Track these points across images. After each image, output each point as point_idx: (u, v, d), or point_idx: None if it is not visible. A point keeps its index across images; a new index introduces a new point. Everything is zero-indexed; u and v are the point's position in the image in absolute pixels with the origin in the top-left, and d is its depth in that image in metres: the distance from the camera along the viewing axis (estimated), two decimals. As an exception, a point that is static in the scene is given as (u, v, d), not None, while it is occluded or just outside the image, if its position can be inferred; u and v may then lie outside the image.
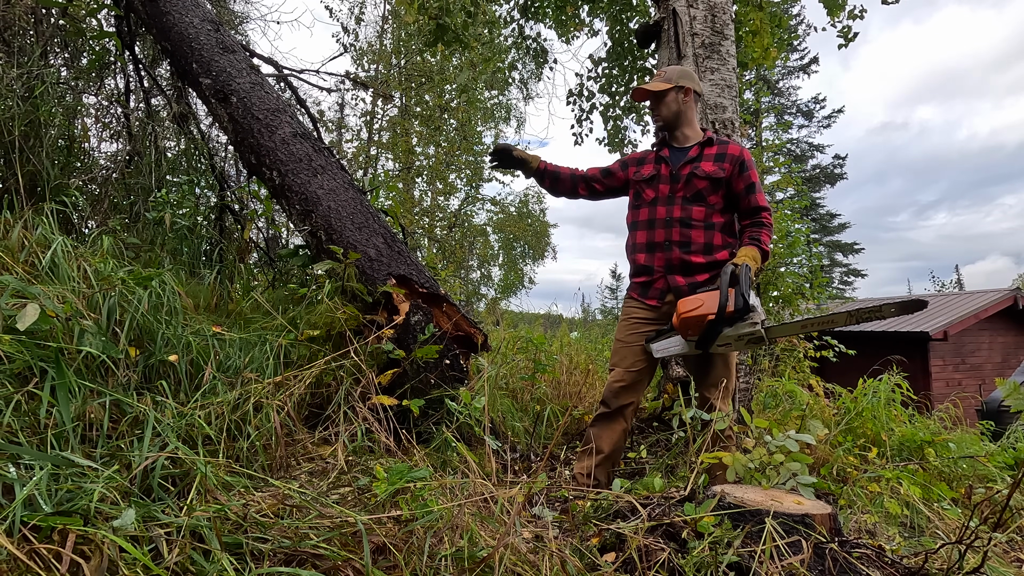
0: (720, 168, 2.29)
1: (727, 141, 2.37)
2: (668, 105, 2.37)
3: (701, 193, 2.30)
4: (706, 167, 2.30)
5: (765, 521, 1.32)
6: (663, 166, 2.37)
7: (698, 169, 2.30)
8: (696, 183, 2.29)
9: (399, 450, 1.94)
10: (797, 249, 7.51)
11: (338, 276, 2.43)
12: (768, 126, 17.23)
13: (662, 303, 2.32)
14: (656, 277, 2.33)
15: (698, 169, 2.30)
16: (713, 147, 2.34)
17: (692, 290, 2.25)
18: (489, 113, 13.73)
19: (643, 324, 2.34)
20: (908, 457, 3.26)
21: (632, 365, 2.31)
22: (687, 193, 2.31)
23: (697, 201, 2.30)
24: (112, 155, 3.47)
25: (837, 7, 5.41)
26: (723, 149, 2.33)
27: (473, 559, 1.23)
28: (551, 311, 7.39)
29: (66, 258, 1.92)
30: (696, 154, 2.33)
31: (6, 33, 2.77)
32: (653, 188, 2.37)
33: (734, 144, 2.35)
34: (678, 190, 2.32)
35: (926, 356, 10.80)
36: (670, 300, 2.29)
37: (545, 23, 6.40)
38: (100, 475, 1.20)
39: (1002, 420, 5.22)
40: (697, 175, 2.29)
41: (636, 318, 2.36)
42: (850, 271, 26.15)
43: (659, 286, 2.32)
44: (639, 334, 2.33)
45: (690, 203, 2.30)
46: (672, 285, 2.29)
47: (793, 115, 25.07)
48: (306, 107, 4.22)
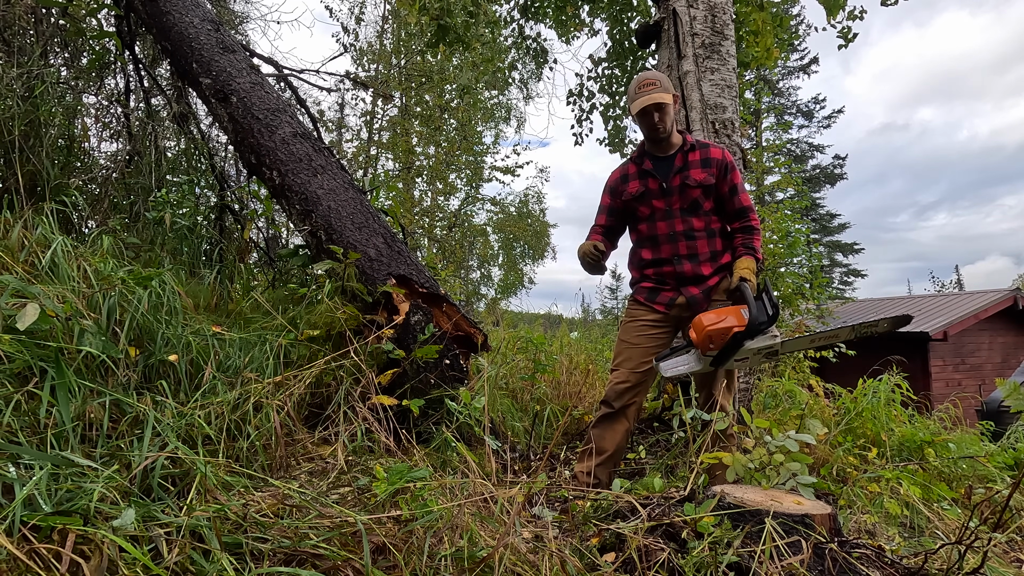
0: (709, 174, 2.27)
1: (707, 144, 2.34)
2: (670, 115, 2.28)
3: (697, 202, 2.28)
4: (696, 175, 2.27)
5: (765, 521, 1.32)
6: (650, 180, 2.32)
7: (689, 179, 2.27)
8: (690, 192, 2.27)
9: (399, 450, 1.94)
10: (797, 249, 7.51)
11: (338, 276, 2.43)
12: (768, 126, 17.24)
13: (670, 308, 2.32)
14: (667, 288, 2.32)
15: (689, 179, 2.27)
16: (696, 152, 2.30)
17: (707, 297, 2.27)
18: (489, 113, 13.72)
19: (650, 327, 2.33)
20: (908, 457, 3.26)
21: (637, 366, 2.30)
22: (683, 204, 2.28)
23: (694, 211, 2.28)
24: (112, 155, 3.47)
25: (836, 7, 5.41)
26: (706, 154, 2.30)
27: (473, 559, 1.23)
28: (551, 311, 7.39)
29: (66, 258, 1.92)
30: (681, 163, 2.29)
31: (6, 33, 2.77)
32: (646, 205, 2.33)
33: (714, 147, 2.32)
34: (674, 203, 2.29)
35: (926, 356, 10.81)
36: (680, 303, 2.30)
37: (545, 23, 6.39)
38: (100, 475, 1.20)
39: (1002, 420, 5.21)
40: (689, 185, 2.26)
41: (644, 321, 2.35)
42: (850, 271, 26.13)
43: (670, 295, 2.32)
44: (646, 336, 2.32)
45: (688, 214, 2.28)
46: (687, 296, 2.28)
47: (793, 115, 25.07)
48: (306, 107, 4.22)
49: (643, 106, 2.22)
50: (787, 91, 25.19)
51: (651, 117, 2.24)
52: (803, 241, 8.17)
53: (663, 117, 2.25)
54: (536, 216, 16.46)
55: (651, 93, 2.23)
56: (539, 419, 3.17)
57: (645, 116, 2.25)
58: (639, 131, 2.43)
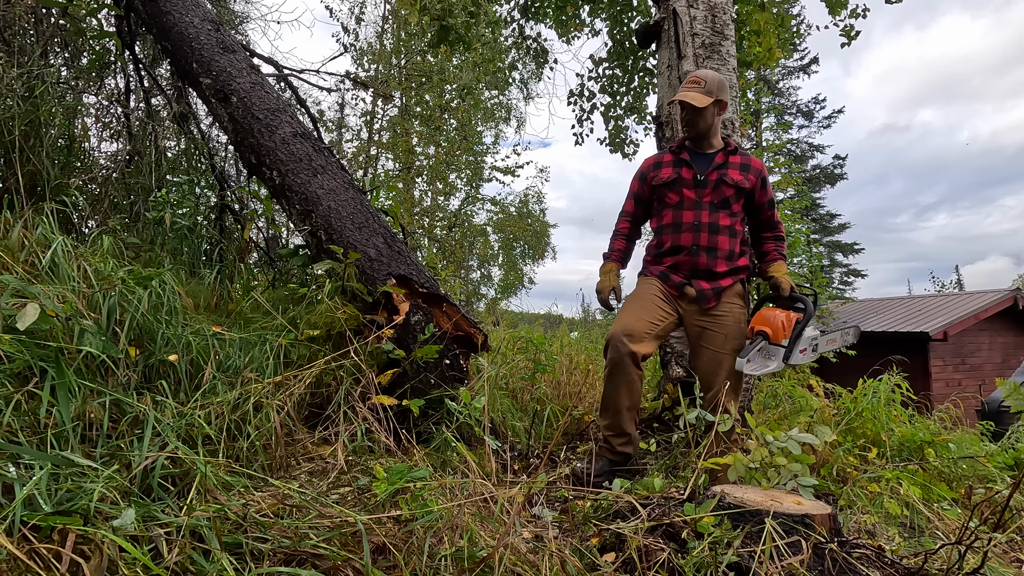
0: (746, 179, 2.32)
1: (749, 154, 2.41)
2: (705, 119, 2.33)
3: (728, 200, 2.32)
4: (734, 175, 2.32)
5: (765, 521, 1.32)
6: (684, 169, 2.36)
7: (726, 176, 2.32)
8: (724, 190, 2.31)
9: (399, 450, 1.94)
10: (797, 249, 7.51)
11: (338, 276, 2.43)
12: (768, 126, 17.23)
13: (679, 293, 2.38)
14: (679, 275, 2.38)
15: (726, 176, 2.32)
16: (737, 156, 2.37)
17: (716, 295, 2.33)
18: (489, 113, 13.71)
19: (659, 298, 2.37)
20: (908, 457, 3.26)
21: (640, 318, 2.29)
22: (715, 199, 2.33)
23: (724, 207, 2.33)
24: (112, 155, 3.47)
25: (839, 5, 5.41)
26: (747, 161, 2.37)
27: (473, 559, 1.23)
28: (551, 311, 7.40)
29: (66, 258, 1.91)
30: (722, 161, 2.35)
31: (6, 33, 2.77)
32: (676, 192, 2.37)
33: (756, 159, 2.40)
34: (705, 195, 2.33)
35: (926, 356, 10.80)
36: (689, 293, 2.35)
37: (545, 23, 6.39)
38: (100, 475, 1.20)
39: (1002, 420, 5.21)
40: (726, 182, 2.31)
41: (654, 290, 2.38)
42: (850, 271, 26.11)
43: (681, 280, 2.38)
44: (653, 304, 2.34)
45: (717, 209, 2.32)
46: (697, 288, 2.33)
47: (793, 115, 25.05)
48: (306, 107, 4.22)
49: (675, 98, 2.32)
50: (787, 91, 25.18)
51: (683, 112, 2.35)
52: (803, 241, 8.18)
53: (694, 118, 2.32)
54: (536, 216, 16.46)
55: (690, 91, 2.31)
56: (539, 419, 3.17)
57: (681, 109, 2.36)
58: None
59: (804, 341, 2.21)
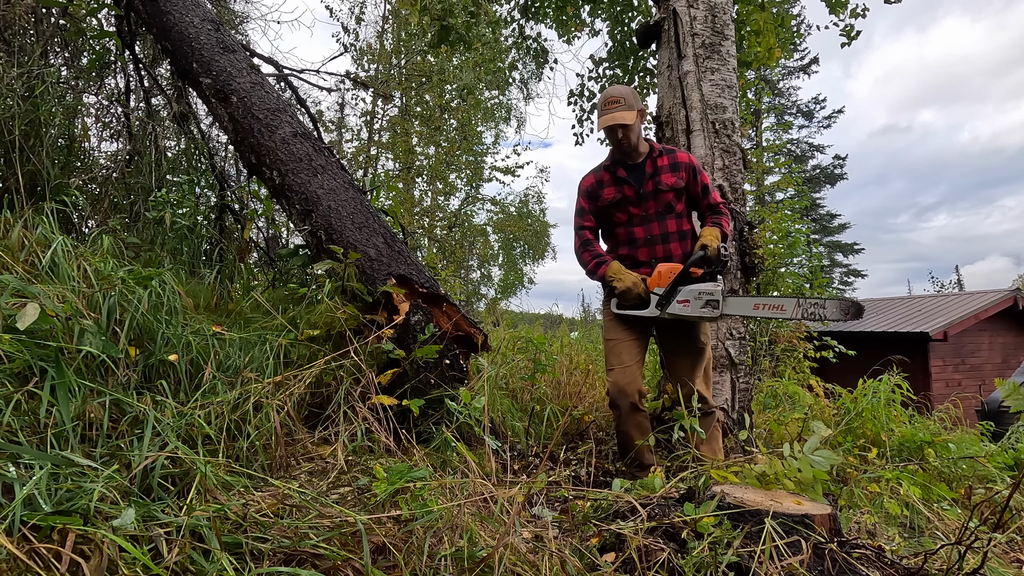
0: (678, 178, 2.40)
1: (672, 149, 2.47)
2: (635, 131, 2.38)
3: (670, 204, 2.41)
4: (667, 179, 2.40)
5: (765, 521, 1.32)
6: (625, 187, 2.43)
7: (661, 183, 2.40)
8: (663, 196, 2.40)
9: (399, 450, 1.94)
10: (797, 249, 7.51)
11: (338, 276, 2.43)
12: (769, 126, 17.25)
13: None
14: None
15: (661, 183, 2.40)
16: (663, 157, 2.43)
17: None
18: (489, 113, 13.71)
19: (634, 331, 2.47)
20: (908, 457, 3.26)
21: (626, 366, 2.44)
22: (658, 208, 2.41)
23: (669, 212, 2.41)
24: (112, 155, 3.47)
25: (840, 5, 5.41)
26: (673, 159, 2.43)
27: (473, 559, 1.23)
28: (551, 311, 7.40)
29: (66, 258, 1.91)
30: (652, 169, 2.42)
31: (6, 33, 2.77)
32: (623, 211, 2.45)
33: (680, 152, 2.46)
34: (649, 207, 2.41)
35: (926, 356, 10.80)
36: None
37: (546, 23, 6.39)
38: (100, 475, 1.20)
39: (1002, 420, 5.21)
40: (662, 189, 2.39)
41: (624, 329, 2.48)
42: (850, 271, 26.13)
43: None
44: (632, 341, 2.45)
45: (664, 217, 2.41)
46: None
47: (793, 115, 25.06)
48: (306, 107, 4.22)
49: (605, 126, 2.35)
50: (787, 91, 25.19)
51: (615, 134, 2.37)
52: (803, 241, 8.18)
53: (627, 134, 2.36)
54: (536, 216, 16.46)
55: (614, 111, 2.34)
56: (539, 419, 3.17)
57: (610, 133, 2.38)
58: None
59: (686, 293, 2.28)
